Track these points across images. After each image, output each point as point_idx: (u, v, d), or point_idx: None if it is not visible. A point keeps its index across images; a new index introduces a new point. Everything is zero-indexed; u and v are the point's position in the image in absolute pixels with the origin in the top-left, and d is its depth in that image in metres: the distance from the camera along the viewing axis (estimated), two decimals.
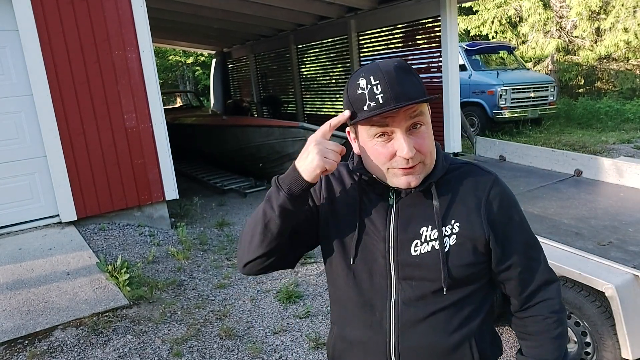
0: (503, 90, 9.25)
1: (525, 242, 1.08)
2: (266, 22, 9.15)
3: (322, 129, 1.00)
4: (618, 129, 9.96)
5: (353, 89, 0.98)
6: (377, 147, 0.98)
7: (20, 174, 4.36)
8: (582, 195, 3.32)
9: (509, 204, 1.07)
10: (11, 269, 3.67)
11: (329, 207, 1.14)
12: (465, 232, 1.02)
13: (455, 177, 1.07)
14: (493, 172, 1.10)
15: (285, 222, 1.02)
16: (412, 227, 1.04)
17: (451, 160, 1.11)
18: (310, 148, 0.97)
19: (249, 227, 1.08)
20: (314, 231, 1.16)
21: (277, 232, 1.03)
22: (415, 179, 1.00)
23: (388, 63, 0.97)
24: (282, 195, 0.99)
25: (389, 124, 0.95)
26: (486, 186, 1.06)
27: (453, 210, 1.04)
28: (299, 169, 0.99)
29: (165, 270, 3.96)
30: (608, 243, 2.48)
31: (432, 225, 1.03)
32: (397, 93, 0.93)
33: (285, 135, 6.25)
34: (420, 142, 0.98)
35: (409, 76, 0.97)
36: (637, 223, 2.71)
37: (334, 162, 0.98)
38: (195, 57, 21.32)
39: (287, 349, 2.88)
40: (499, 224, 1.04)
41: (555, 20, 15.30)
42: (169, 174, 4.94)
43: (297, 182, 0.99)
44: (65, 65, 4.34)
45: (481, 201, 1.04)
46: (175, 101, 16.32)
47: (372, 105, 0.94)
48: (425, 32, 7.32)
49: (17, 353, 2.79)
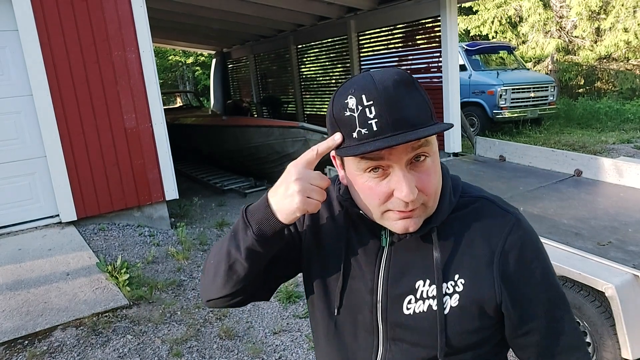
0: (503, 90, 9.25)
1: (548, 301, 0.85)
2: (266, 23, 9.15)
3: (306, 157, 0.80)
4: (618, 129, 9.96)
5: (339, 108, 0.76)
6: (369, 184, 0.78)
7: (20, 174, 4.36)
8: (582, 196, 3.32)
9: (531, 256, 0.83)
10: (11, 269, 3.67)
11: (312, 237, 0.95)
12: (472, 291, 0.82)
13: (464, 217, 0.85)
14: (513, 210, 0.86)
15: (255, 265, 0.85)
16: (407, 279, 0.85)
17: (462, 191, 0.89)
18: (290, 184, 0.77)
19: (212, 259, 0.90)
20: (294, 261, 0.98)
21: (245, 275, 0.86)
22: (414, 224, 0.80)
23: (385, 76, 0.75)
24: (249, 235, 0.81)
25: (384, 156, 0.75)
26: (503, 231, 0.83)
27: (458, 262, 0.83)
28: (273, 206, 0.79)
29: (165, 270, 3.96)
30: (608, 243, 2.48)
31: (431, 280, 0.83)
32: (397, 119, 0.72)
33: (285, 135, 6.26)
34: (424, 180, 0.77)
35: (412, 94, 0.75)
36: (636, 223, 2.72)
37: (318, 203, 0.79)
38: (195, 57, 21.33)
39: (287, 349, 2.88)
40: (517, 282, 0.82)
41: (555, 20, 15.30)
42: (169, 174, 4.94)
43: (270, 223, 0.80)
44: (65, 66, 4.34)
45: (495, 252, 0.82)
46: (175, 101, 16.34)
47: (364, 133, 0.73)
48: (425, 32, 7.32)
49: (17, 353, 2.79)
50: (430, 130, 0.73)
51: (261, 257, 0.84)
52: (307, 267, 0.97)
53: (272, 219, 0.80)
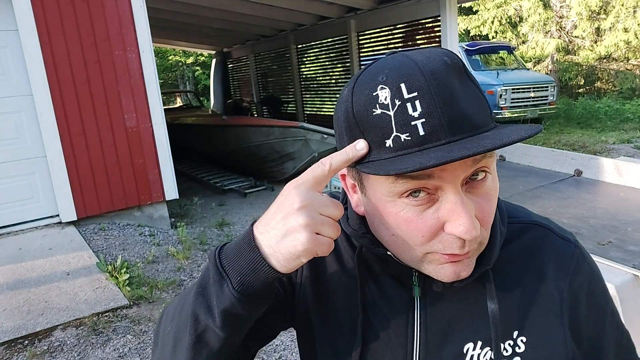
0: (503, 90, 9.26)
1: (617, 344, 0.69)
2: (266, 22, 9.15)
3: (313, 174, 0.54)
4: (618, 128, 9.96)
5: (363, 103, 0.53)
6: (407, 215, 0.55)
7: (20, 174, 4.36)
8: (582, 195, 3.32)
9: (600, 294, 0.67)
10: (11, 269, 3.67)
11: (312, 290, 0.70)
12: (537, 352, 0.62)
13: (518, 252, 0.65)
14: (573, 239, 0.68)
15: (235, 333, 0.59)
16: (451, 342, 0.63)
17: (508, 216, 0.67)
18: (292, 215, 0.52)
19: (169, 325, 0.64)
20: (284, 318, 0.73)
21: (220, 349, 0.59)
22: (467, 267, 0.58)
23: (431, 57, 0.53)
24: (227, 292, 0.55)
25: (434, 174, 0.51)
26: (569, 268, 0.64)
27: (518, 315, 0.63)
28: (264, 247, 0.54)
29: (165, 270, 3.96)
30: (607, 243, 2.48)
31: (484, 341, 0.62)
32: (455, 119, 0.50)
33: (285, 135, 6.26)
34: (485, 208, 0.56)
35: (466, 83, 0.54)
36: (636, 223, 2.72)
37: (331, 242, 0.54)
38: (195, 57, 21.33)
39: (287, 348, 2.88)
40: (588, 330, 0.65)
41: (555, 20, 15.31)
42: (169, 174, 4.94)
43: (259, 273, 0.54)
44: (65, 65, 4.34)
45: (563, 297, 0.63)
46: (175, 101, 16.33)
47: (404, 140, 0.51)
48: (425, 32, 7.32)
49: (17, 353, 2.79)
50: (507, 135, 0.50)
51: (245, 321, 0.59)
52: (305, 328, 0.72)
53: (262, 268, 0.54)
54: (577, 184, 3.56)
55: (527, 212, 0.72)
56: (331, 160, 0.54)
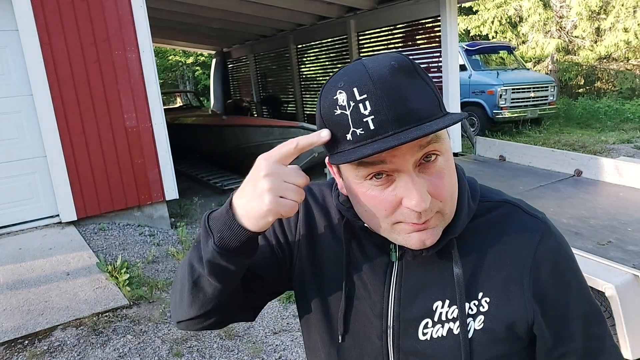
0: (503, 90, 9.26)
1: (585, 317, 0.74)
2: (266, 22, 9.15)
3: (281, 149, 0.65)
4: (618, 128, 9.97)
5: (328, 106, 0.64)
6: (372, 193, 0.66)
7: (20, 173, 4.36)
8: (582, 195, 3.32)
9: (565, 266, 0.73)
10: (11, 269, 3.67)
11: (307, 250, 0.82)
12: (499, 311, 0.71)
13: (486, 226, 0.74)
14: (542, 216, 0.75)
15: (224, 282, 0.70)
16: (422, 299, 0.73)
17: (480, 195, 0.76)
18: (259, 181, 0.63)
19: (179, 273, 0.78)
20: (283, 275, 0.84)
21: (213, 294, 0.72)
22: (431, 236, 0.67)
23: (380, 63, 0.63)
24: (210, 246, 0.67)
25: (386, 160, 0.62)
26: (532, 240, 0.72)
27: (481, 279, 0.72)
28: (237, 209, 0.66)
29: (165, 270, 3.96)
30: (607, 243, 2.48)
31: (451, 300, 0.72)
32: (398, 113, 0.60)
33: (285, 135, 6.27)
34: (437, 184, 0.65)
35: (414, 82, 0.63)
36: (636, 223, 2.72)
37: (294, 204, 0.64)
38: (195, 57, 21.33)
39: (287, 349, 2.88)
40: (551, 298, 0.71)
41: (555, 20, 15.31)
42: (169, 174, 4.94)
43: (233, 230, 0.65)
44: (65, 65, 4.34)
45: (525, 265, 0.71)
46: (175, 101, 16.34)
47: (359, 134, 0.61)
48: (425, 32, 7.32)
49: (17, 353, 2.79)
50: (439, 123, 0.60)
51: (230, 273, 0.69)
52: (301, 284, 0.83)
53: (235, 226, 0.65)
54: (577, 184, 3.56)
55: (502, 194, 0.79)
56: (298, 141, 0.64)
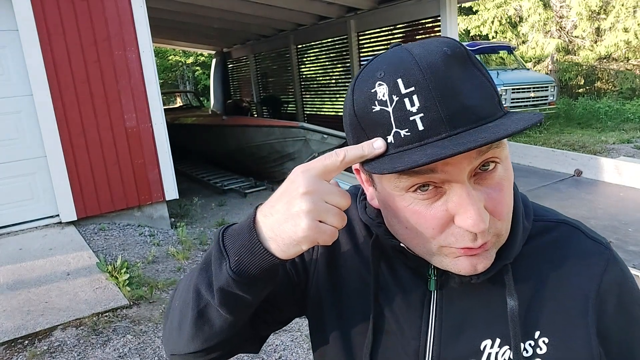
0: (503, 90, 9.26)
1: None
2: (266, 22, 9.15)
3: (324, 162, 0.53)
4: (618, 128, 9.97)
5: (363, 101, 0.52)
6: (416, 208, 0.54)
7: (20, 174, 4.36)
8: (582, 195, 3.32)
9: (631, 299, 0.62)
10: (11, 269, 3.67)
11: (327, 272, 0.69)
12: (559, 354, 0.58)
13: (542, 250, 0.62)
14: (605, 241, 0.64)
15: (237, 314, 0.59)
16: (467, 337, 0.61)
17: (534, 214, 0.64)
18: (296, 199, 0.51)
19: (178, 297, 0.65)
20: (296, 301, 0.72)
21: (221, 327, 0.60)
22: (484, 260, 0.56)
23: (429, 49, 0.51)
24: (225, 271, 0.54)
25: (437, 169, 0.50)
26: (597, 269, 0.60)
27: (538, 314, 0.59)
28: (263, 231, 0.53)
29: (165, 270, 3.96)
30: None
31: (502, 339, 0.59)
32: (454, 112, 0.49)
33: (285, 135, 6.27)
34: (496, 199, 0.53)
35: (470, 73, 0.51)
36: (636, 223, 2.72)
37: (335, 231, 0.52)
38: (195, 57, 21.33)
39: (287, 349, 2.88)
40: (616, 336, 0.60)
41: (555, 20, 15.31)
42: (169, 174, 4.94)
43: (256, 256, 0.53)
44: (65, 65, 4.34)
45: (588, 298, 0.59)
46: (175, 101, 16.33)
47: (404, 136, 0.50)
48: (425, 32, 7.32)
49: (17, 353, 2.79)
50: (509, 125, 0.48)
51: (246, 304, 0.57)
52: (318, 312, 0.70)
53: (258, 250, 0.52)
54: (577, 184, 3.56)
55: (558, 213, 0.68)
56: (345, 153, 0.52)
